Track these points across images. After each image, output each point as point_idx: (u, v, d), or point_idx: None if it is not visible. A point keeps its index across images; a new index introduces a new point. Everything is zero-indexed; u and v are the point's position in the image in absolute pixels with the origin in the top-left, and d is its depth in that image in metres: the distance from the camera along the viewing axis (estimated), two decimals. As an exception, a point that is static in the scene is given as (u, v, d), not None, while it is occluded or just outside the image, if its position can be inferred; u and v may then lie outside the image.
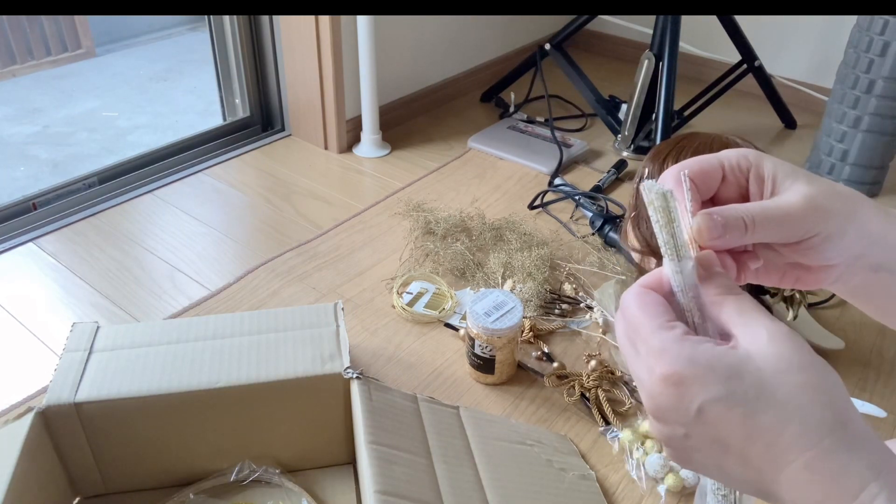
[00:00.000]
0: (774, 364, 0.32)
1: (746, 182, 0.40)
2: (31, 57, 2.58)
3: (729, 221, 0.36)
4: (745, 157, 0.40)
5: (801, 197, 0.38)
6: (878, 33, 1.31)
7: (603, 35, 2.16)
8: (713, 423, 0.32)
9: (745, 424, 0.32)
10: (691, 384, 0.32)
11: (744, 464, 0.33)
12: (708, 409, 0.32)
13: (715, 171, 0.40)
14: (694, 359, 0.32)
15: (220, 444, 0.79)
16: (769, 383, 0.32)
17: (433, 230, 1.27)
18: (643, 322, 0.35)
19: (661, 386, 0.33)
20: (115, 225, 1.31)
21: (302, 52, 1.50)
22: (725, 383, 0.32)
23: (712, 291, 0.35)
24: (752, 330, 0.33)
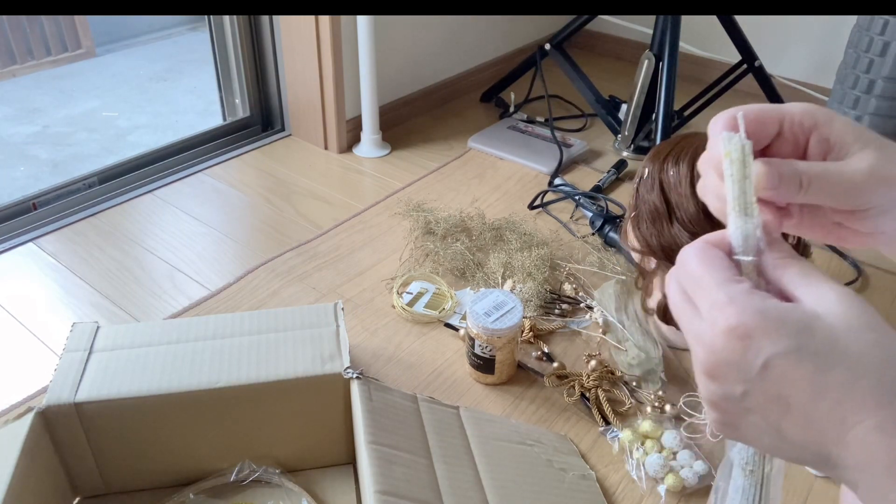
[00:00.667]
0: (845, 322, 0.31)
1: (805, 141, 0.38)
2: (31, 57, 2.58)
3: (785, 175, 0.35)
4: (810, 115, 0.38)
5: (867, 166, 0.36)
6: (878, 33, 1.31)
7: (603, 35, 2.16)
8: (778, 380, 0.31)
9: (815, 381, 0.31)
10: (759, 337, 0.31)
11: (806, 424, 0.32)
12: (775, 364, 0.31)
13: (772, 123, 0.38)
14: (764, 311, 0.31)
15: (220, 444, 0.79)
16: (841, 339, 0.31)
17: (433, 230, 1.27)
18: (706, 276, 0.34)
19: (725, 339, 0.32)
20: (115, 225, 1.31)
21: (302, 52, 1.50)
22: (796, 337, 0.31)
23: (775, 254, 0.35)
24: (817, 291, 0.32)
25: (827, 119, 0.37)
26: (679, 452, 0.85)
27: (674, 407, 0.92)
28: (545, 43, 1.69)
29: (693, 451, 0.86)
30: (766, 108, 0.38)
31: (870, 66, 1.33)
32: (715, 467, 0.85)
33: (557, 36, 1.67)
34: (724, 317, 0.32)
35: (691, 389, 0.96)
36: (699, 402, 0.92)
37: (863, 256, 1.25)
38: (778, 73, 1.83)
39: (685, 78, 1.90)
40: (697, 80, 1.88)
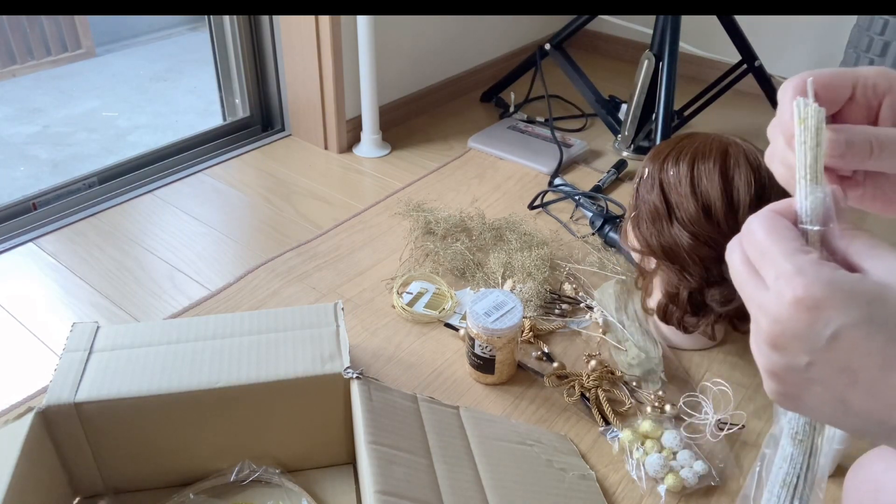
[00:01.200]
0: None
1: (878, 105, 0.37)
2: (31, 57, 2.58)
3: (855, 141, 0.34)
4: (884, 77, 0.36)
5: None
6: (878, 33, 1.31)
7: (603, 35, 2.16)
8: (847, 350, 0.31)
9: (886, 351, 0.30)
10: (829, 308, 0.31)
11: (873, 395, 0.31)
12: (845, 335, 0.31)
13: (844, 87, 0.37)
14: (834, 282, 0.31)
15: (220, 444, 0.79)
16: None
17: (433, 230, 1.27)
18: (773, 246, 0.33)
19: (793, 310, 0.31)
20: (115, 225, 1.31)
21: (302, 52, 1.50)
22: (868, 307, 0.30)
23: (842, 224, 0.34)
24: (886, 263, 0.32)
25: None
26: (679, 452, 0.85)
27: (674, 407, 0.92)
28: (545, 43, 1.69)
29: (693, 451, 0.86)
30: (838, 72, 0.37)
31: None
32: (715, 467, 0.85)
33: (557, 36, 1.67)
34: (792, 287, 0.31)
35: (691, 389, 0.96)
36: (699, 402, 0.92)
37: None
38: (778, 73, 1.83)
39: (685, 78, 1.90)
40: (697, 80, 1.88)
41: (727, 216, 0.89)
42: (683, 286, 0.93)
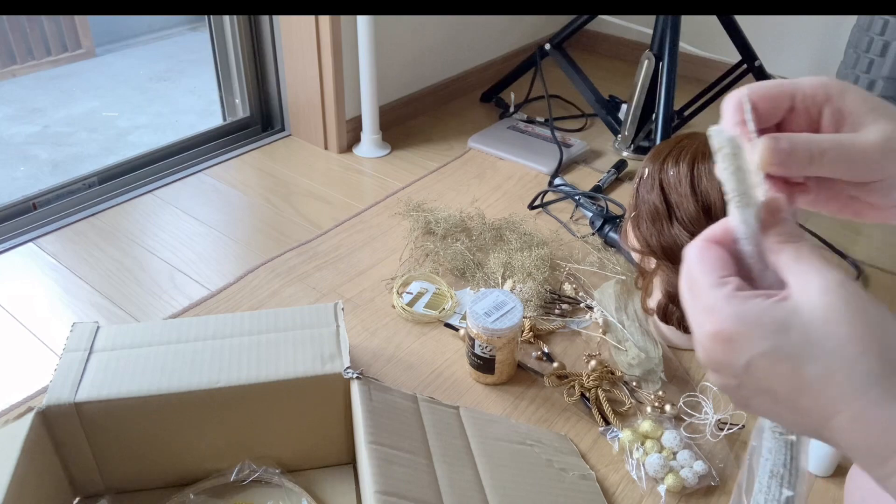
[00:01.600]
0: (823, 315, 0.32)
1: (819, 113, 0.38)
2: (31, 57, 2.58)
3: (796, 149, 0.35)
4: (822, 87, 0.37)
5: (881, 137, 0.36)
6: (878, 33, 1.31)
7: (603, 35, 2.16)
8: (761, 376, 0.33)
9: (793, 377, 0.32)
10: (738, 340, 0.33)
11: (795, 412, 0.33)
12: (756, 364, 0.33)
13: (783, 98, 0.38)
14: (741, 316, 0.33)
15: (220, 444, 0.79)
16: (816, 335, 0.32)
17: (433, 230, 1.27)
18: (699, 278, 0.36)
19: (711, 342, 0.34)
20: (115, 225, 1.31)
21: (302, 52, 1.50)
22: (772, 338, 0.32)
23: (773, 238, 0.35)
24: (805, 279, 0.33)
25: (840, 91, 0.37)
26: (679, 452, 0.85)
27: (674, 407, 0.92)
28: (545, 43, 1.69)
29: (693, 451, 0.86)
30: (776, 84, 0.38)
31: (870, 66, 1.33)
32: (715, 467, 0.85)
33: (557, 36, 1.67)
34: (709, 321, 0.34)
35: (691, 389, 0.96)
36: (699, 402, 0.92)
37: (862, 256, 1.25)
38: (778, 73, 1.83)
39: (685, 78, 1.90)
40: (697, 80, 1.88)
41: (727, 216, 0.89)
42: (683, 286, 0.93)
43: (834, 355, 0.31)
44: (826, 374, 0.31)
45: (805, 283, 0.33)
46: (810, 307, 0.32)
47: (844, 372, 0.31)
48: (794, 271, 0.34)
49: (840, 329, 0.31)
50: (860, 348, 0.31)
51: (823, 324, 0.32)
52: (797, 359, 0.32)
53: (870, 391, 0.31)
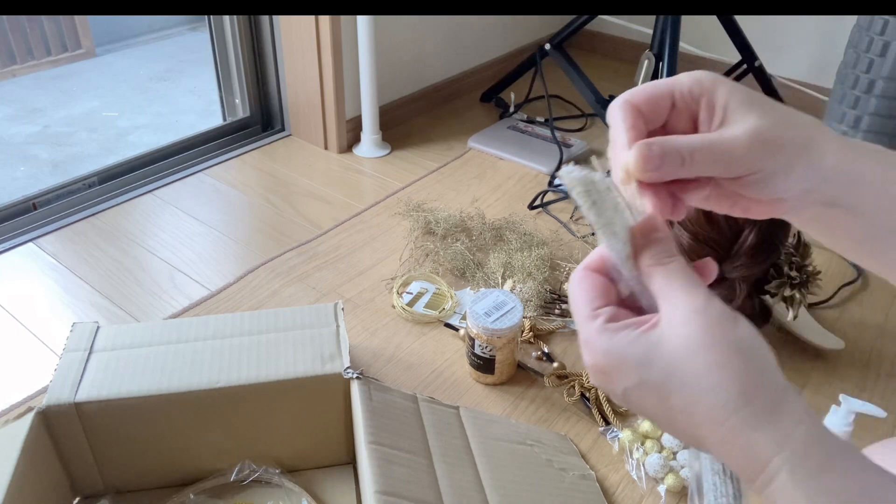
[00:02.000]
0: (684, 344, 0.33)
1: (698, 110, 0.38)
2: (32, 57, 2.58)
3: (667, 153, 0.35)
4: (698, 83, 0.38)
5: (748, 131, 0.36)
6: (878, 33, 1.31)
7: (603, 35, 2.16)
8: (638, 403, 0.35)
9: (662, 406, 0.34)
10: (611, 372, 0.35)
11: (674, 431, 0.35)
12: (629, 394, 0.35)
13: (663, 99, 0.38)
14: (609, 351, 0.35)
15: (220, 444, 0.79)
16: (678, 366, 0.33)
17: (433, 230, 1.27)
18: (577, 310, 0.37)
19: (591, 371, 0.36)
20: (115, 225, 1.31)
21: (302, 52, 1.50)
22: (636, 372, 0.34)
23: (646, 262, 0.36)
24: (672, 304, 0.34)
25: (712, 85, 0.37)
26: (679, 452, 0.85)
27: (674, 407, 0.91)
28: (545, 43, 1.69)
29: (693, 451, 0.85)
30: (656, 85, 0.38)
31: (870, 66, 1.33)
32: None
33: (557, 36, 1.67)
34: (585, 354, 0.36)
35: (691, 389, 0.96)
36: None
37: (863, 256, 1.25)
38: (778, 73, 1.83)
39: (685, 78, 1.89)
40: (697, 80, 1.87)
41: (727, 216, 0.89)
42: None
43: (694, 386, 0.32)
44: (689, 405, 0.33)
45: (672, 308, 0.34)
46: (674, 335, 0.33)
47: (705, 402, 0.32)
48: (664, 296, 0.35)
49: (698, 359, 0.32)
50: (718, 377, 0.32)
51: (684, 355, 0.33)
52: (662, 390, 0.33)
53: (729, 419, 0.32)
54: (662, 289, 0.35)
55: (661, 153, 0.35)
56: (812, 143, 0.37)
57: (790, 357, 1.03)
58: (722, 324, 0.33)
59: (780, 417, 0.32)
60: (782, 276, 0.95)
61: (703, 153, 0.35)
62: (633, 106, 0.38)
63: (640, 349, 0.34)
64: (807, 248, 0.98)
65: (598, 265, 0.38)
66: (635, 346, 0.34)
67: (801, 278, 0.95)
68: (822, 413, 0.87)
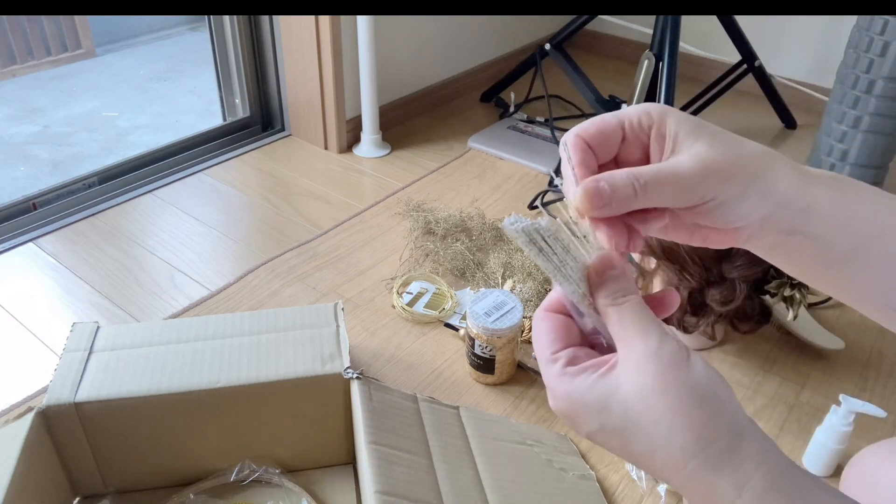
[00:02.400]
0: (639, 391, 0.33)
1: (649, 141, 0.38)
2: (32, 57, 2.58)
3: (616, 187, 0.35)
4: (647, 114, 0.37)
5: (696, 160, 0.35)
6: (878, 33, 1.31)
7: (603, 35, 2.16)
8: (604, 445, 0.35)
9: (624, 451, 0.34)
10: (573, 417, 0.35)
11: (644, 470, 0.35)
12: (594, 436, 0.35)
13: (613, 132, 0.38)
14: (569, 396, 0.35)
15: (220, 444, 0.79)
16: (633, 412, 0.33)
17: (433, 230, 1.27)
18: (538, 353, 0.37)
19: (558, 414, 0.36)
20: (115, 225, 1.31)
21: (302, 52, 1.50)
22: (597, 418, 0.34)
23: (601, 301, 0.36)
24: (627, 348, 0.34)
25: (660, 115, 0.37)
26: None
27: (674, 407, 0.91)
28: (545, 43, 1.69)
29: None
30: (605, 118, 0.38)
31: (870, 66, 1.33)
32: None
33: (557, 36, 1.67)
34: (550, 398, 0.36)
35: (691, 389, 0.96)
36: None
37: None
38: (778, 73, 1.83)
39: (685, 78, 1.90)
40: (697, 80, 1.88)
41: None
42: (683, 286, 0.93)
43: (651, 433, 0.33)
44: (649, 451, 0.33)
45: (627, 352, 0.34)
46: (629, 382, 0.33)
47: (663, 449, 0.32)
48: (619, 338, 0.35)
49: (654, 404, 0.32)
50: (674, 422, 0.32)
51: (639, 400, 0.33)
52: (622, 435, 0.33)
53: (688, 464, 0.32)
54: (617, 331, 0.35)
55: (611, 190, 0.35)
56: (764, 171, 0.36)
57: (790, 357, 1.03)
58: (675, 367, 0.33)
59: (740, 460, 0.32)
60: (782, 276, 0.95)
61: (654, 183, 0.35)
62: (583, 140, 0.37)
63: (597, 394, 0.34)
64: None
65: (557, 305, 0.38)
66: (593, 391, 0.34)
67: (801, 278, 0.95)
68: (823, 413, 0.87)
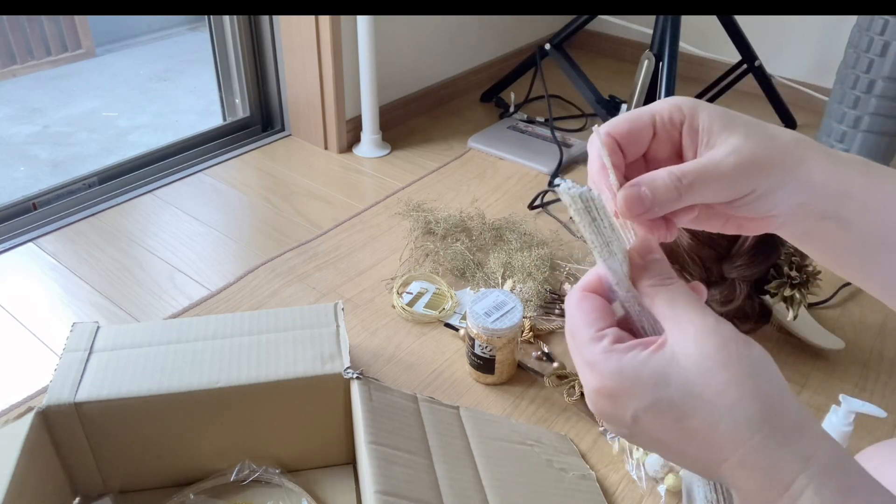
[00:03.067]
0: (699, 363, 0.32)
1: (680, 136, 0.37)
2: (31, 57, 2.58)
3: (658, 191, 0.34)
4: (678, 109, 0.37)
5: (736, 154, 0.35)
6: (878, 33, 1.31)
7: (603, 35, 2.16)
8: (648, 428, 0.33)
9: (678, 428, 0.32)
10: (621, 395, 0.33)
11: (684, 460, 0.34)
12: (641, 417, 0.33)
13: (644, 129, 0.37)
14: (620, 371, 0.33)
15: (220, 444, 0.79)
16: (695, 385, 0.32)
17: (433, 230, 1.27)
18: (578, 332, 0.35)
19: (596, 397, 0.34)
20: (115, 225, 1.31)
21: (302, 52, 1.50)
22: (652, 392, 0.32)
23: (646, 283, 0.35)
24: (679, 326, 0.33)
25: (692, 109, 0.37)
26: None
27: (674, 407, 0.91)
28: (545, 43, 1.69)
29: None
30: (635, 114, 0.37)
31: (870, 66, 1.33)
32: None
33: (557, 36, 1.67)
34: (590, 378, 0.34)
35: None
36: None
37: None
38: (778, 73, 1.83)
39: (685, 78, 1.90)
40: (697, 80, 1.88)
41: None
42: (683, 286, 0.93)
43: (714, 405, 0.31)
44: (709, 425, 0.32)
45: (681, 330, 0.33)
46: (686, 355, 0.32)
47: (726, 421, 0.31)
48: (669, 317, 0.34)
49: (717, 377, 0.31)
50: (739, 394, 0.31)
51: (701, 372, 0.32)
52: (679, 410, 0.32)
53: (753, 437, 0.31)
54: (666, 310, 0.34)
55: (652, 195, 0.34)
56: (800, 160, 0.36)
57: (790, 357, 1.03)
58: (736, 342, 0.32)
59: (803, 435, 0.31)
60: (782, 276, 0.95)
61: (699, 183, 0.35)
62: (613, 139, 0.37)
63: (653, 368, 0.32)
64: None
65: (596, 286, 0.37)
66: (649, 365, 0.32)
67: (801, 278, 0.95)
68: (823, 413, 0.87)
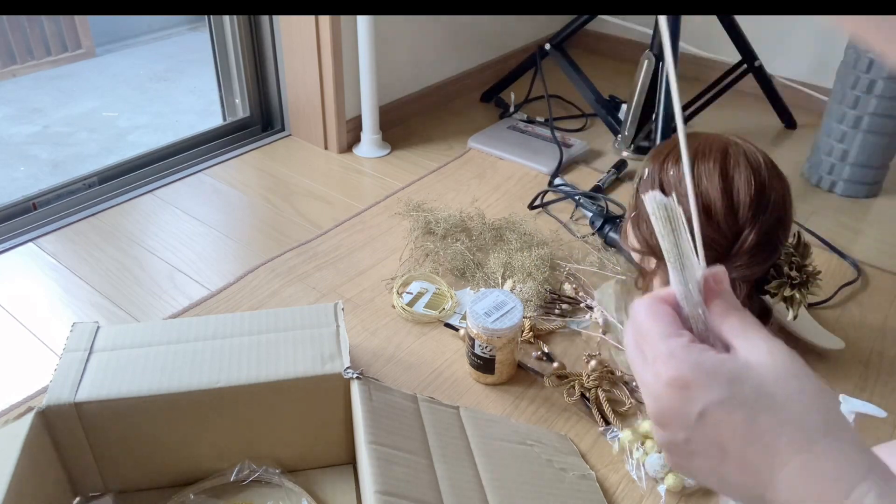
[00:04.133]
0: (773, 371, 0.34)
1: None
2: (31, 57, 2.58)
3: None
4: None
5: None
6: (878, 33, 1.31)
7: (603, 35, 2.16)
8: (715, 426, 0.34)
9: (746, 426, 0.33)
10: (695, 387, 0.34)
11: (741, 468, 0.34)
12: (711, 412, 0.34)
13: None
14: (700, 363, 0.34)
15: (220, 444, 0.79)
16: (769, 388, 0.33)
17: (433, 230, 1.27)
18: (652, 329, 0.37)
19: (667, 389, 0.35)
20: (115, 225, 1.31)
21: (302, 52, 1.50)
22: (728, 387, 0.34)
23: (719, 305, 0.37)
24: (752, 343, 0.35)
25: None
26: (679, 452, 0.85)
27: (674, 407, 0.91)
28: (545, 43, 1.69)
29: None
30: None
31: (870, 66, 1.33)
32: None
33: (557, 36, 1.67)
34: (665, 369, 0.35)
35: (691, 389, 0.96)
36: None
37: (863, 256, 1.25)
38: (778, 73, 1.83)
39: (685, 78, 1.90)
40: (697, 80, 1.88)
41: (727, 216, 0.89)
42: (683, 286, 0.93)
43: (785, 407, 0.33)
44: (778, 425, 0.33)
45: (752, 346, 0.35)
46: (761, 364, 0.34)
47: (795, 424, 0.33)
48: (741, 335, 0.36)
49: (790, 384, 0.34)
50: (809, 402, 0.33)
51: (775, 378, 0.34)
52: (751, 408, 0.33)
53: (819, 443, 0.33)
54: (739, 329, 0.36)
55: None
56: None
57: (790, 357, 1.03)
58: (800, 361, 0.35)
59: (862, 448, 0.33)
60: (782, 276, 0.95)
61: None
62: None
63: (732, 366, 0.34)
64: (807, 248, 0.98)
65: (670, 298, 0.39)
66: (727, 363, 0.35)
67: (801, 278, 0.95)
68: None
